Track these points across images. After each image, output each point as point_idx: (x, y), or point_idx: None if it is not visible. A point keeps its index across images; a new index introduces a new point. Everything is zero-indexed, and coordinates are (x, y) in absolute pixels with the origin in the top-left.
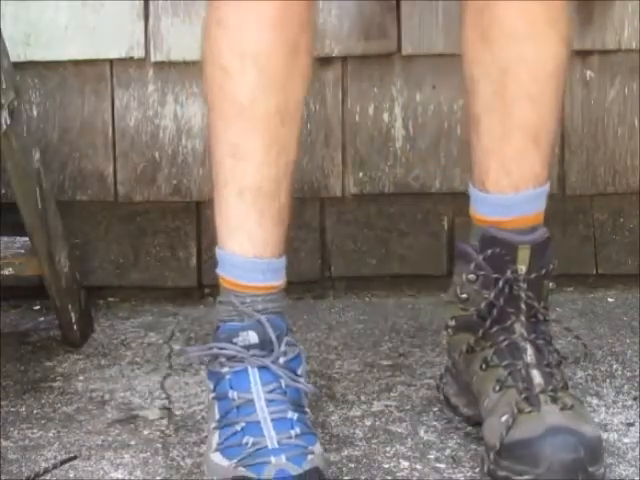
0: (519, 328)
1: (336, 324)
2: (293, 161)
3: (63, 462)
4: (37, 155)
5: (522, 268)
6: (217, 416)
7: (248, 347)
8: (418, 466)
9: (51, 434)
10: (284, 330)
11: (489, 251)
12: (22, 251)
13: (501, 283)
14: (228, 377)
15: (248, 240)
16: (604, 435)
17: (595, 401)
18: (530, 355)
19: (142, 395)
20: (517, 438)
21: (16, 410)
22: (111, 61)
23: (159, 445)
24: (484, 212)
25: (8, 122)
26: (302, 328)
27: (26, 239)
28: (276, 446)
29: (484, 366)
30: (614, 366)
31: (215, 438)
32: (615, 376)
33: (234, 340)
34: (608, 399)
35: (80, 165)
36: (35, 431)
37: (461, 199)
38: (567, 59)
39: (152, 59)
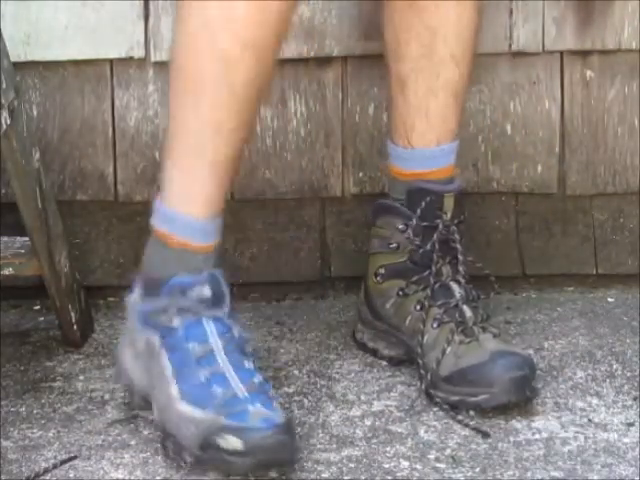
0: (447, 270)
1: (336, 324)
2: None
3: (63, 462)
4: (37, 155)
5: (448, 215)
6: (170, 367)
7: (202, 300)
8: (418, 466)
9: (51, 434)
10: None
11: (422, 203)
12: (22, 251)
13: (439, 229)
14: (181, 329)
15: (206, 204)
16: (604, 435)
17: (595, 401)
18: (459, 293)
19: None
20: (467, 365)
21: (16, 410)
22: (111, 61)
23: (159, 445)
24: (410, 167)
25: (8, 122)
26: (302, 328)
27: (26, 239)
28: (247, 395)
29: (419, 307)
30: (614, 366)
31: (174, 389)
32: (615, 376)
33: (188, 294)
34: (608, 399)
35: (80, 165)
36: (35, 431)
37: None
38: (480, 25)
39: (152, 59)
